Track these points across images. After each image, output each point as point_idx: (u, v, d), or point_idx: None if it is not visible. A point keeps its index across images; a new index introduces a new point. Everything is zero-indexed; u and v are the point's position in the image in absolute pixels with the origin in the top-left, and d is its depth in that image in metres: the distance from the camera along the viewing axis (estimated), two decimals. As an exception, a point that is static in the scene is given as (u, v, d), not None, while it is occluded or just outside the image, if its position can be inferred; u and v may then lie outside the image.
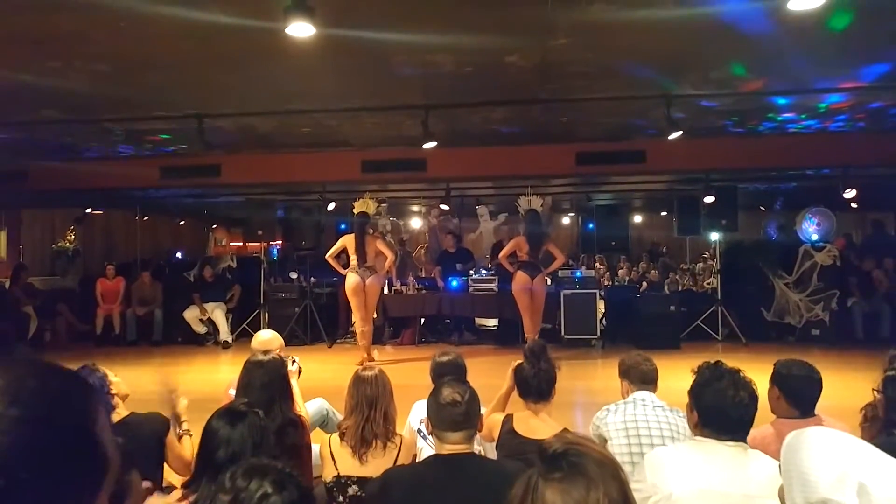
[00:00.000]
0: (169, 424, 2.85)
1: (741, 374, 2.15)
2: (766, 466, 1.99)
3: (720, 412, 2.07)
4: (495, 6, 4.58)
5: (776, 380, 2.77)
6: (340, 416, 3.41)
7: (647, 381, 3.03)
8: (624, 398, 3.04)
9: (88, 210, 12.12)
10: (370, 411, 2.74)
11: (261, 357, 2.92)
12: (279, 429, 2.65)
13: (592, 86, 6.44)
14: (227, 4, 4.43)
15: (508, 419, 2.90)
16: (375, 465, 2.66)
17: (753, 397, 2.11)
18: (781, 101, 7.27)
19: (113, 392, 2.86)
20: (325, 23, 4.30)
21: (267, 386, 2.77)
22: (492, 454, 2.87)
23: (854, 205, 11.25)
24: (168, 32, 4.88)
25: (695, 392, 2.17)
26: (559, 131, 8.55)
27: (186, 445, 2.91)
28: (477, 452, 2.46)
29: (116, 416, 2.79)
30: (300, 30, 4.16)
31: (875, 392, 2.66)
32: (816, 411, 2.74)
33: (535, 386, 2.88)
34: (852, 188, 10.31)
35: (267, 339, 3.69)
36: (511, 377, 3.04)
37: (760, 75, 6.34)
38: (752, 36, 5.07)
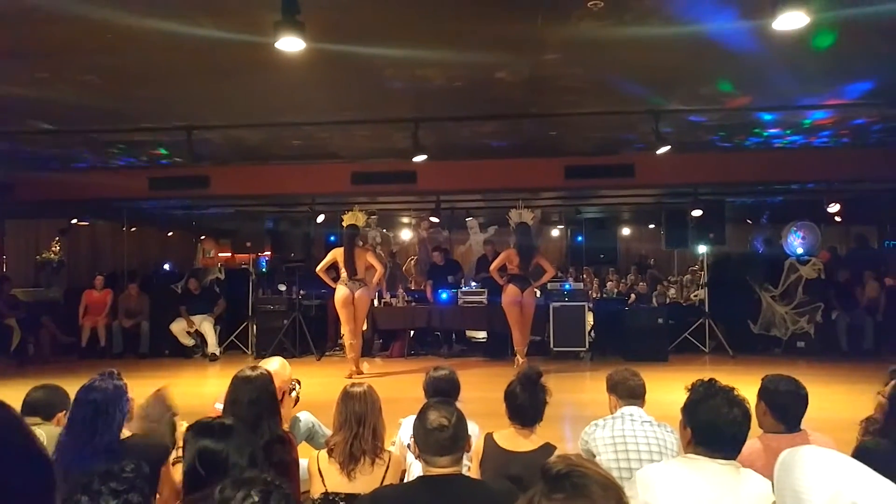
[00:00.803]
0: (169, 451, 2.74)
1: (735, 392, 2.15)
2: (757, 486, 2.00)
3: (714, 429, 2.07)
4: (485, 22, 4.62)
5: (763, 395, 2.79)
6: (327, 430, 3.39)
7: (634, 396, 3.04)
8: (612, 413, 3.04)
9: (74, 221, 12.00)
10: (359, 428, 2.73)
11: (248, 373, 2.86)
12: (266, 445, 2.62)
13: (581, 101, 6.50)
14: (217, 18, 4.44)
15: (489, 438, 2.89)
16: (363, 482, 2.65)
17: (747, 415, 2.12)
18: (767, 116, 7.37)
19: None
20: (315, 37, 4.32)
21: (255, 402, 2.71)
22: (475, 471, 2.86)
23: (838, 219, 11.40)
24: (158, 45, 4.88)
25: (688, 409, 2.17)
26: (548, 145, 8.60)
27: (179, 473, 2.84)
28: (465, 470, 2.44)
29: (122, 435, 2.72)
30: (290, 44, 4.16)
31: (880, 396, 2.68)
32: (802, 425, 2.77)
33: (531, 415, 2.89)
34: (836, 202, 10.45)
35: (275, 370, 3.60)
36: None
37: (747, 92, 6.43)
38: (739, 54, 5.15)
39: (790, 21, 3.94)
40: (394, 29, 4.73)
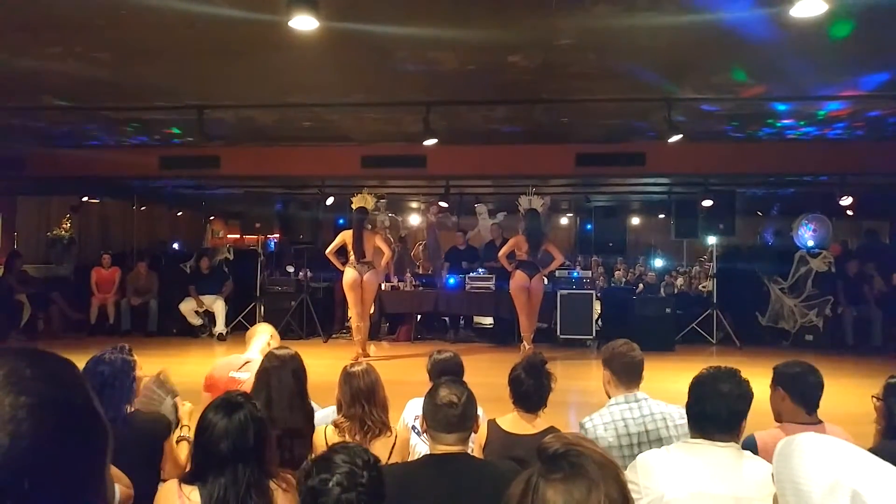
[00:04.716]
0: (171, 428, 2.81)
1: (738, 374, 2.16)
2: (759, 469, 2.00)
3: (713, 409, 2.08)
4: (499, 5, 4.58)
5: (780, 380, 2.72)
6: (319, 406, 3.44)
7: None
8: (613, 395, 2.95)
9: (85, 198, 12.07)
10: (368, 404, 2.81)
11: (282, 352, 2.99)
12: (307, 417, 2.89)
13: (594, 87, 6.44)
14: (230, -4, 4.42)
15: (493, 423, 2.91)
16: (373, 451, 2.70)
17: (747, 396, 2.12)
18: (781, 107, 7.29)
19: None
20: (328, 16, 4.30)
21: (295, 379, 2.89)
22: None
23: (850, 212, 11.30)
24: (170, 22, 4.86)
25: (690, 389, 2.19)
26: (559, 132, 8.55)
27: (183, 451, 2.88)
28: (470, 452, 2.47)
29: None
30: (303, 23, 4.15)
31: (874, 399, 2.67)
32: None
33: (536, 401, 2.89)
34: (849, 196, 10.34)
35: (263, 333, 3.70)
36: None
37: (761, 81, 6.35)
38: (754, 42, 5.08)
39: (808, 8, 3.89)
40: (407, 10, 4.70)
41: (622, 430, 2.72)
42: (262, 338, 3.85)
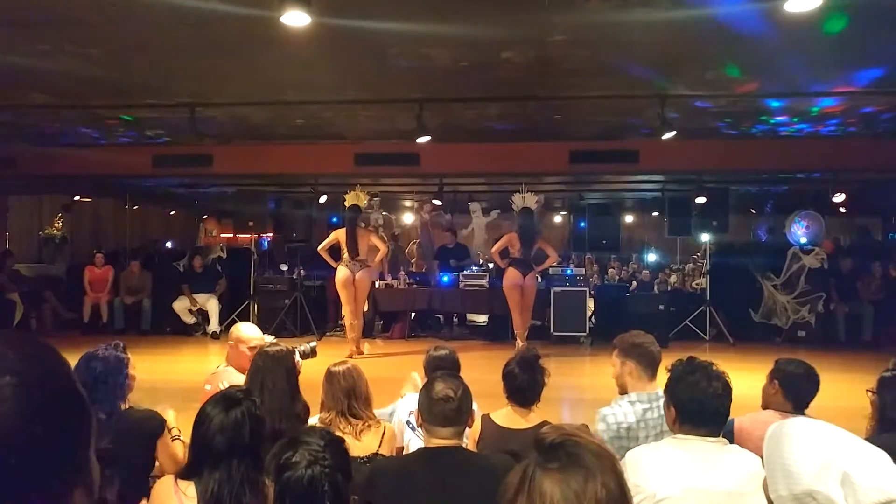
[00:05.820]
0: (165, 424, 2.81)
1: (714, 367, 2.16)
2: (747, 462, 2.01)
3: (695, 404, 2.08)
4: (493, 2, 4.56)
5: (778, 376, 2.76)
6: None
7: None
8: (627, 391, 2.81)
9: (77, 197, 12.00)
10: (349, 400, 2.84)
11: (273, 349, 2.98)
12: (304, 409, 2.91)
13: (587, 84, 6.44)
14: (222, -9, 4.39)
15: (487, 418, 2.92)
16: (359, 447, 2.72)
17: (727, 388, 2.12)
18: (775, 103, 7.30)
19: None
20: (321, 12, 4.27)
21: (288, 379, 2.88)
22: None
23: (842, 209, 11.35)
24: (161, 18, 4.83)
25: (670, 388, 2.18)
26: (553, 129, 8.55)
27: (179, 448, 2.88)
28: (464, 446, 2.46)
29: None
30: (295, 19, 4.13)
31: (869, 393, 2.68)
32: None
33: (530, 396, 2.89)
34: (841, 192, 10.40)
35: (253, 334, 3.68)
36: None
37: (755, 77, 6.36)
38: (748, 37, 5.08)
39: (802, 3, 3.89)
40: (400, 6, 4.68)
41: (642, 431, 2.65)
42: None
